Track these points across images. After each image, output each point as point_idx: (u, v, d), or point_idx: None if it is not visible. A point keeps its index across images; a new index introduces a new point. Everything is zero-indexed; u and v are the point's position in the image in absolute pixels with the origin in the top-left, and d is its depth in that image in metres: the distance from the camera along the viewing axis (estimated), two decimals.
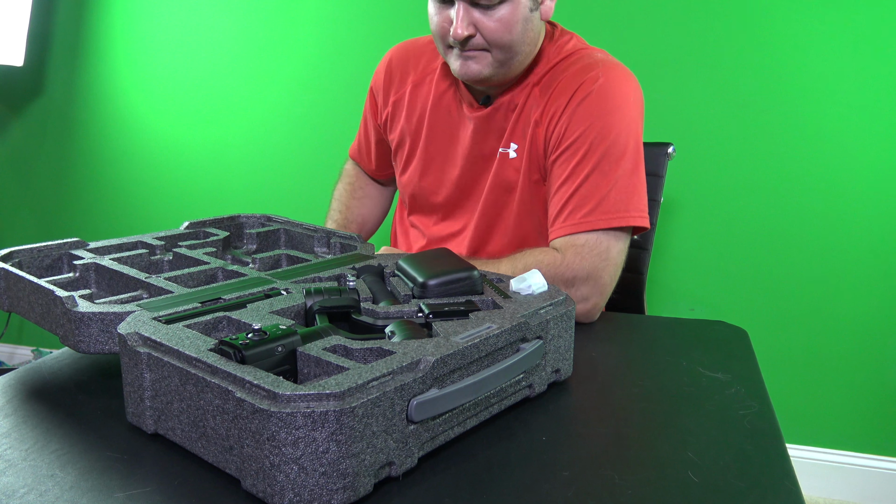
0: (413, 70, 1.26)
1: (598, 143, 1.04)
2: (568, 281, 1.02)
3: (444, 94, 1.21)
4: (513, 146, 1.14)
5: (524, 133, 1.13)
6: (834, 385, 1.80)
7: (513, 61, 1.08)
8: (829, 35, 1.67)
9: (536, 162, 1.12)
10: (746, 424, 0.69)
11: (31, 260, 0.88)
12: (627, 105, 1.08)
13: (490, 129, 1.16)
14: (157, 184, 2.31)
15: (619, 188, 1.04)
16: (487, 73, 1.07)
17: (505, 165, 1.15)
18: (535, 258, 1.03)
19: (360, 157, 1.44)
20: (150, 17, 2.23)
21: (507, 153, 1.14)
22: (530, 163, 1.12)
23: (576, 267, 1.02)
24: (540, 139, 1.11)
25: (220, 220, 1.07)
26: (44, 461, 0.61)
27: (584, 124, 1.05)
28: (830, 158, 1.71)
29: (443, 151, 1.22)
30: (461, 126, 1.19)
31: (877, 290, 1.73)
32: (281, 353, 0.61)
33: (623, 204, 1.04)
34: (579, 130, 1.05)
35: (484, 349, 0.64)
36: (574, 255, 1.03)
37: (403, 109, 1.26)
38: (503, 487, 0.58)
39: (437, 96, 1.22)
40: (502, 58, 1.06)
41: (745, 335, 0.96)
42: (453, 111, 1.20)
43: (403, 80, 1.27)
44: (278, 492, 0.52)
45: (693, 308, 1.86)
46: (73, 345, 0.71)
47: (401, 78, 1.28)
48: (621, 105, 1.07)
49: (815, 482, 1.82)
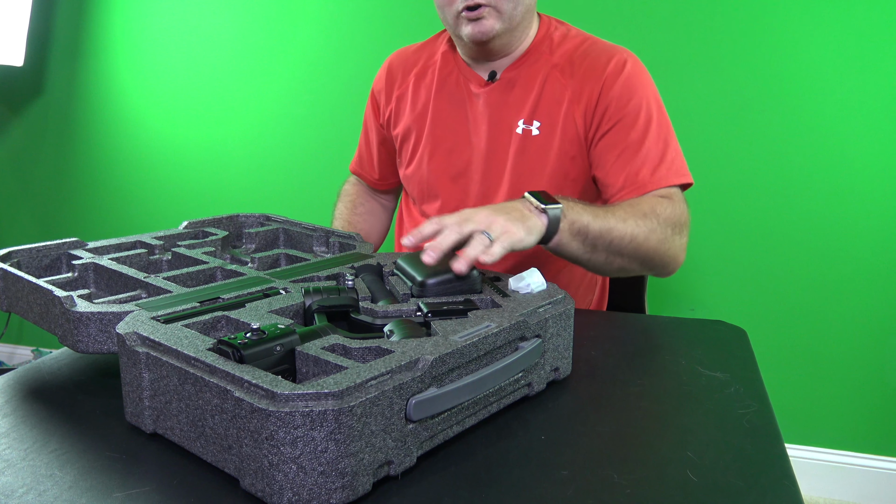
0: (414, 66, 1.29)
1: (648, 111, 1.12)
2: (682, 226, 1.07)
3: (447, 78, 1.24)
4: (535, 123, 1.17)
5: (550, 111, 1.16)
6: (833, 385, 1.79)
7: (517, 13, 1.12)
8: (829, 35, 1.67)
9: (572, 138, 1.15)
10: (746, 424, 0.69)
11: (29, 260, 0.87)
12: (650, 79, 1.17)
13: (505, 103, 1.19)
14: (157, 183, 2.31)
15: (672, 147, 1.13)
16: (498, 27, 1.11)
17: (529, 142, 1.17)
18: (650, 203, 1.05)
19: (362, 168, 1.43)
20: (150, 17, 2.23)
21: (530, 130, 1.17)
22: (564, 139, 1.15)
23: (684, 213, 1.08)
24: (577, 117, 1.15)
25: (219, 220, 1.07)
26: (43, 461, 0.61)
27: (631, 97, 1.12)
28: (830, 158, 1.71)
29: (452, 132, 1.23)
30: (469, 104, 1.21)
31: (876, 290, 1.73)
32: (279, 352, 0.61)
33: (680, 162, 1.12)
34: (627, 102, 1.12)
35: (482, 348, 0.64)
36: (680, 202, 1.08)
37: (408, 102, 1.27)
38: (502, 486, 0.58)
39: (441, 81, 1.24)
40: (507, 8, 1.10)
41: (745, 335, 0.96)
42: (459, 92, 1.22)
43: (406, 76, 1.29)
44: (277, 491, 0.52)
45: (693, 308, 1.86)
46: (72, 344, 0.71)
47: (403, 75, 1.29)
48: (648, 78, 1.17)
49: (814, 482, 1.82)
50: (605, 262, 1.01)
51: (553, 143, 1.16)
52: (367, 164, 1.42)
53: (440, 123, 1.23)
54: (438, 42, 1.29)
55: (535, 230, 0.88)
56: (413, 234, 0.84)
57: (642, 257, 1.03)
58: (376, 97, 1.35)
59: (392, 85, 1.30)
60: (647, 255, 1.03)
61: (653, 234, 1.01)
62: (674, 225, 1.05)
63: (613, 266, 1.03)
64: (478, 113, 1.20)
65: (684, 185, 1.12)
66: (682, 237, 1.07)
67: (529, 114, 1.17)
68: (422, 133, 1.25)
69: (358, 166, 1.45)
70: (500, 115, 1.19)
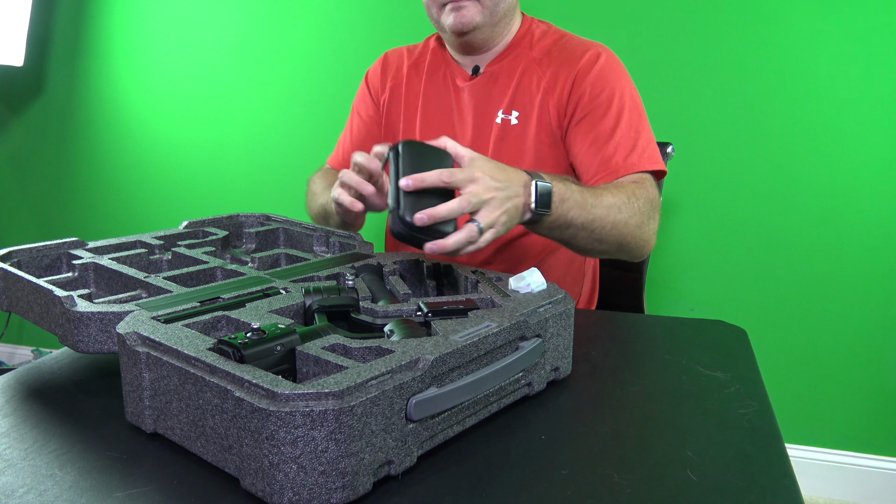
0: (408, 60, 1.35)
1: (620, 101, 1.15)
2: (655, 210, 1.09)
3: (435, 72, 1.30)
4: (514, 113, 1.22)
5: (526, 101, 1.21)
6: (833, 385, 1.79)
7: (498, 7, 1.17)
8: (829, 35, 1.67)
9: (546, 127, 1.20)
10: (746, 423, 0.69)
11: (29, 260, 0.87)
12: (627, 74, 1.21)
13: (488, 95, 1.24)
14: (157, 183, 2.31)
15: (645, 136, 1.15)
16: (479, 19, 1.16)
17: (508, 131, 1.22)
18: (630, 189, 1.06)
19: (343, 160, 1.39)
20: (150, 17, 2.23)
21: (509, 119, 1.22)
22: (539, 128, 1.20)
23: (657, 198, 1.10)
24: (551, 106, 1.19)
25: (220, 220, 1.07)
26: (43, 461, 0.61)
27: (603, 87, 1.16)
28: (830, 158, 1.71)
29: (440, 123, 1.28)
30: (455, 97, 1.27)
31: (876, 290, 1.73)
32: (280, 352, 0.61)
33: (652, 149, 1.15)
34: (600, 93, 1.15)
35: (483, 347, 0.64)
36: (652, 187, 1.11)
37: (401, 93, 1.33)
38: (502, 486, 0.58)
39: (430, 74, 1.30)
40: (489, 3, 1.15)
41: (745, 335, 0.96)
42: (446, 85, 1.28)
43: (400, 69, 1.35)
44: (277, 491, 0.52)
45: (693, 308, 1.86)
46: (72, 344, 0.71)
47: (397, 67, 1.35)
48: (624, 72, 1.20)
49: (814, 482, 1.82)
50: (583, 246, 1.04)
51: (529, 131, 1.20)
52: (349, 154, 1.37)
53: (429, 115, 1.29)
54: (430, 40, 1.36)
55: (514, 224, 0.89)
56: (415, 178, 0.79)
57: (618, 244, 1.05)
58: (369, 85, 1.39)
59: (387, 75, 1.36)
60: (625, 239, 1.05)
61: (631, 219, 1.04)
62: (649, 210, 1.08)
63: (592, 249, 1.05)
64: (463, 105, 1.26)
65: (657, 174, 1.15)
66: (654, 222, 1.10)
67: (508, 104, 1.22)
68: (412, 124, 1.31)
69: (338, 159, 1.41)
70: (483, 107, 1.24)
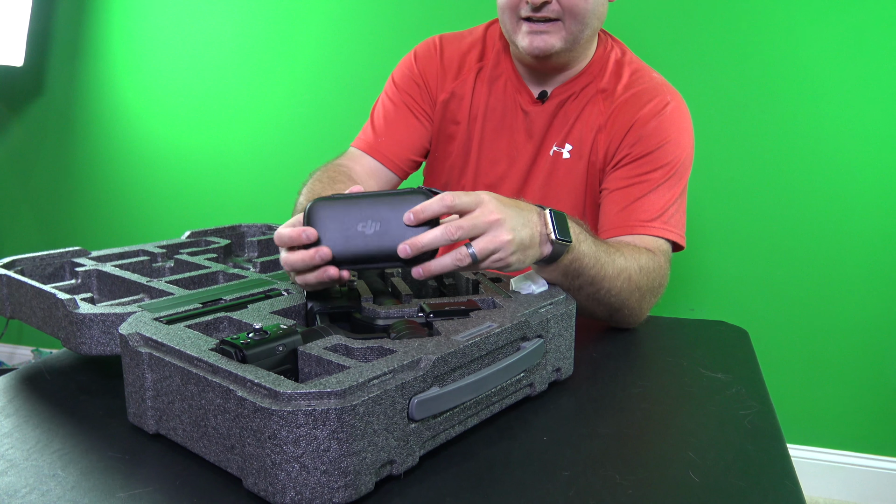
0: (471, 63, 1.21)
1: (669, 160, 1.07)
2: (661, 287, 1.00)
3: (496, 81, 1.19)
4: (567, 147, 1.15)
5: (581, 136, 1.14)
6: (834, 385, 1.80)
7: (582, 35, 1.07)
8: (830, 36, 1.67)
9: (594, 165, 1.13)
10: (747, 424, 0.69)
11: (33, 268, 0.88)
12: (690, 133, 1.13)
13: (549, 124, 1.16)
14: (158, 185, 2.31)
15: (679, 206, 1.08)
16: (559, 46, 1.06)
17: (558, 165, 1.16)
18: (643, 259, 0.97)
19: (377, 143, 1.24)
20: (150, 18, 2.23)
21: (561, 153, 1.15)
22: (590, 166, 1.14)
23: (665, 276, 1.02)
24: (601, 145, 1.12)
25: (222, 230, 1.08)
26: (45, 461, 0.61)
27: (658, 143, 1.08)
28: (830, 159, 1.71)
29: (499, 145, 1.19)
30: (518, 120, 1.18)
31: (877, 291, 1.73)
32: (282, 352, 0.61)
33: (681, 221, 1.08)
34: (653, 147, 1.08)
35: (484, 348, 0.64)
36: (665, 262, 1.03)
37: (464, 101, 1.20)
38: (504, 486, 0.58)
39: (495, 85, 1.19)
40: (574, 29, 1.05)
41: (746, 335, 0.97)
42: (512, 104, 1.18)
43: (461, 71, 1.21)
44: (280, 490, 0.52)
45: (693, 308, 1.86)
46: (75, 347, 0.71)
47: (459, 65, 1.22)
48: (687, 131, 1.12)
49: (815, 482, 1.82)
50: (580, 303, 0.91)
51: (579, 168, 1.14)
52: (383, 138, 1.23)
53: (491, 133, 1.20)
54: (490, 38, 1.22)
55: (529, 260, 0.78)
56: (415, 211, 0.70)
57: (613, 309, 0.95)
58: (424, 72, 1.22)
59: (447, 72, 1.22)
60: (623, 308, 0.96)
61: (635, 293, 0.94)
62: (655, 287, 0.99)
63: (583, 307, 0.93)
64: (525, 130, 1.18)
65: (675, 246, 1.07)
66: (655, 299, 1.01)
67: (563, 137, 1.15)
68: (472, 138, 1.21)
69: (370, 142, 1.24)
70: (542, 136, 1.17)
